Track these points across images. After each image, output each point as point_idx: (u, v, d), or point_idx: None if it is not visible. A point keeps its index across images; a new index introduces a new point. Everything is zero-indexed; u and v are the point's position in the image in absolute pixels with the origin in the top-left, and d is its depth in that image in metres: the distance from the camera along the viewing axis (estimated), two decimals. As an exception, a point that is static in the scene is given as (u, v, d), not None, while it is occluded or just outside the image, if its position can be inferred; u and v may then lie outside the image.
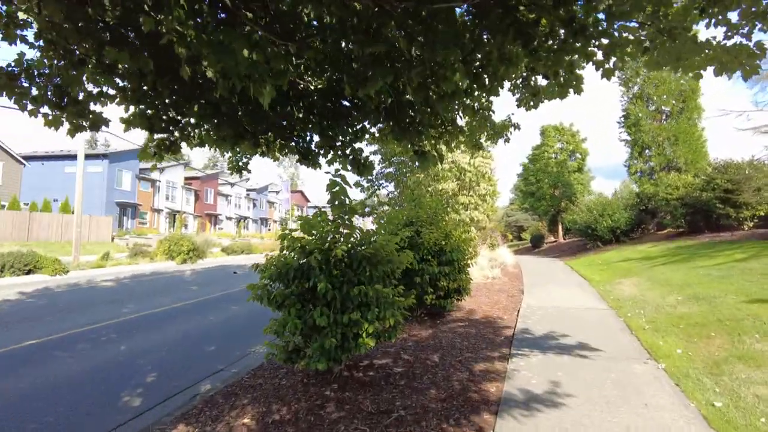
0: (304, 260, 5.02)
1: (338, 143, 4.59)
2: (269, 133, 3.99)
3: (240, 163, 5.78)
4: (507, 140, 5.43)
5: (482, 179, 13.03)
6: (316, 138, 4.78)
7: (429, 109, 4.24)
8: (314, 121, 4.36)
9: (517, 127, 5.57)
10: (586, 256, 20.59)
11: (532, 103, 4.97)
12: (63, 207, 32.18)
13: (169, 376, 5.70)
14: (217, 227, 59.98)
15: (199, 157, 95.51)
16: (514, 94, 4.85)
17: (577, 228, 23.21)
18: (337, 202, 5.13)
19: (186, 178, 55.15)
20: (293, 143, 4.59)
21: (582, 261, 18.61)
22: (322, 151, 4.66)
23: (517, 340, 6.43)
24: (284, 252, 5.15)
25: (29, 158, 38.81)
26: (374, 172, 12.18)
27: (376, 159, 11.71)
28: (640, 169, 22.68)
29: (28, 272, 15.46)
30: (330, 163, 4.70)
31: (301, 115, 4.37)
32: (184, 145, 4.28)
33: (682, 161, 20.79)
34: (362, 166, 4.62)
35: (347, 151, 4.63)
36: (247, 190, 69.11)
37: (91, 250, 27.11)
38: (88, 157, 41.64)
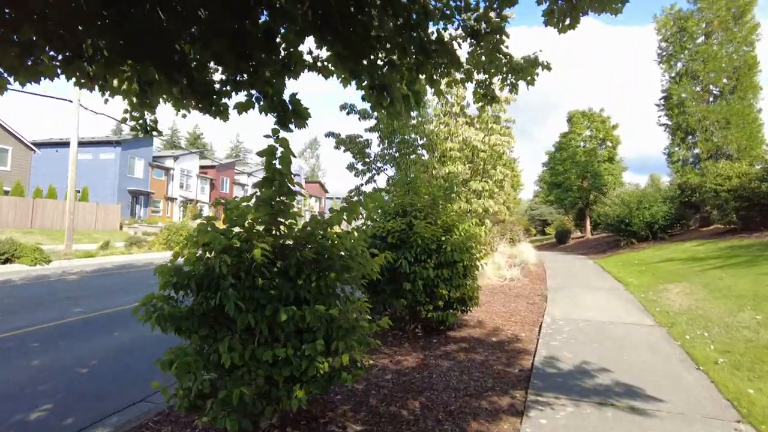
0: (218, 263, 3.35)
1: (251, 78, 2.85)
2: (107, 53, 2.28)
3: (149, 120, 4.11)
4: (531, 82, 3.60)
5: (499, 162, 11.01)
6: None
7: (390, 11, 2.46)
8: (208, 39, 2.64)
9: (547, 67, 3.72)
10: (619, 254, 18.38)
11: (568, 21, 3.12)
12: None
13: (68, 409, 4.25)
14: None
15: (221, 147, 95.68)
16: (539, 4, 3.01)
17: (608, 222, 20.90)
18: (273, 177, 3.46)
19: (201, 167, 54.61)
20: (185, 78, 2.87)
21: (614, 260, 16.47)
22: (227, 88, 2.93)
23: (536, 376, 4.62)
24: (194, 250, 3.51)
25: (42, 145, 38.51)
26: (372, 154, 10.43)
27: (374, 137, 9.99)
28: (682, 157, 20.13)
29: (6, 261, 14.37)
30: (243, 109, 2.98)
31: (192, 32, 2.66)
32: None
33: (734, 147, 18.18)
34: (290, 113, 2.88)
35: (268, 91, 2.88)
36: (265, 179, 68.34)
37: (96, 238, 26.29)
38: (100, 143, 41.31)
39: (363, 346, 3.77)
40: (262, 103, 3.03)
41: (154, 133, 4.29)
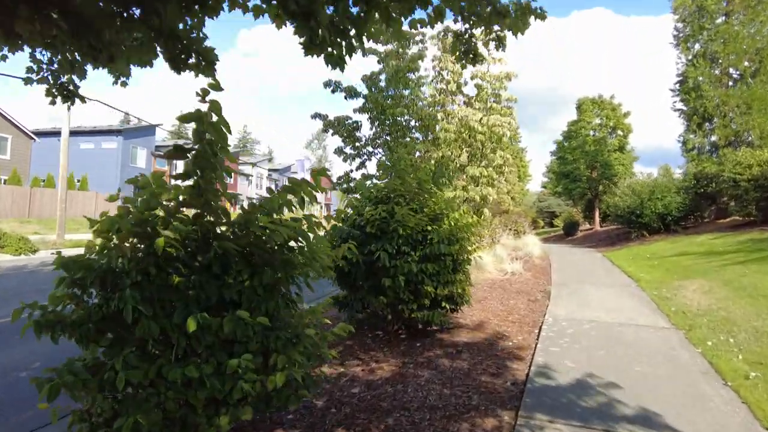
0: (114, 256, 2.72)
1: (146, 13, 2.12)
2: None
3: (64, 82, 3.38)
4: (521, 30, 2.83)
5: (499, 145, 10.06)
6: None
7: None
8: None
9: (540, 15, 2.93)
10: (629, 247, 17.48)
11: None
12: (68, 182, 31.14)
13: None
14: (237, 207, 58.89)
15: (229, 137, 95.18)
16: None
17: (618, 214, 19.96)
18: (204, 150, 2.77)
19: (205, 157, 54.17)
20: (58, 11, 2.14)
21: (624, 253, 15.60)
22: (118, 24, 2.20)
23: (530, 393, 3.88)
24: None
25: (44, 134, 38.19)
26: (363, 137, 9.65)
27: (364, 119, 9.17)
28: (698, 145, 19.05)
29: (-12, 251, 13.87)
30: (140, 58, 2.25)
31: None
32: None
33: (756, 134, 17.08)
34: (192, 56, 2.14)
35: (161, 26, 2.14)
36: (269, 170, 67.89)
37: (94, 228, 25.86)
38: (101, 133, 40.95)
39: (313, 360, 3.08)
40: (162, 43, 2.29)
41: (76, 99, 3.57)
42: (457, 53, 3.33)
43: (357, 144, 9.41)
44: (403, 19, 2.47)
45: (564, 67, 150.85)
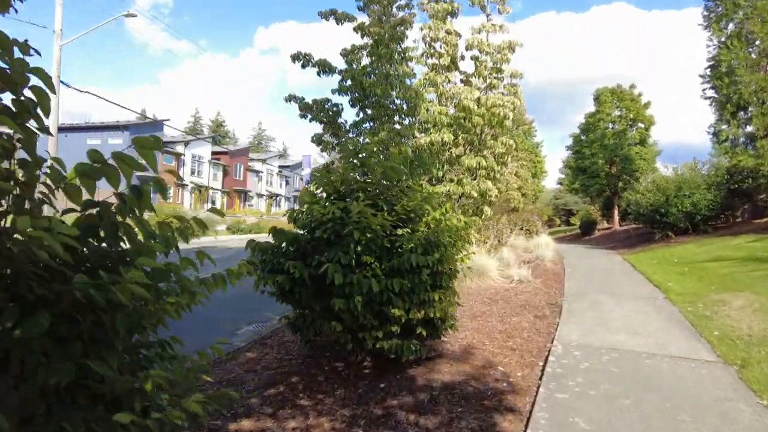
0: None
1: None
2: None
3: None
4: None
5: (501, 130, 8.60)
6: None
7: None
8: None
9: None
10: (652, 249, 15.89)
11: None
12: (69, 179, 30.69)
13: None
14: (246, 204, 58.50)
15: (243, 134, 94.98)
16: None
17: (639, 212, 18.33)
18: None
19: (214, 153, 53.70)
20: None
21: (647, 257, 14.06)
22: None
23: (523, 481, 2.60)
24: None
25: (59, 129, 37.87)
26: (346, 123, 8.41)
27: (345, 100, 7.90)
28: (731, 136, 17.28)
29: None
30: None
31: None
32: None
33: (799, 123, 15.35)
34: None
35: None
36: (280, 167, 67.24)
37: (93, 224, 25.21)
38: (107, 128, 40.62)
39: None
40: None
41: None
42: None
43: (339, 131, 8.16)
44: None
45: (582, 62, 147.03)
